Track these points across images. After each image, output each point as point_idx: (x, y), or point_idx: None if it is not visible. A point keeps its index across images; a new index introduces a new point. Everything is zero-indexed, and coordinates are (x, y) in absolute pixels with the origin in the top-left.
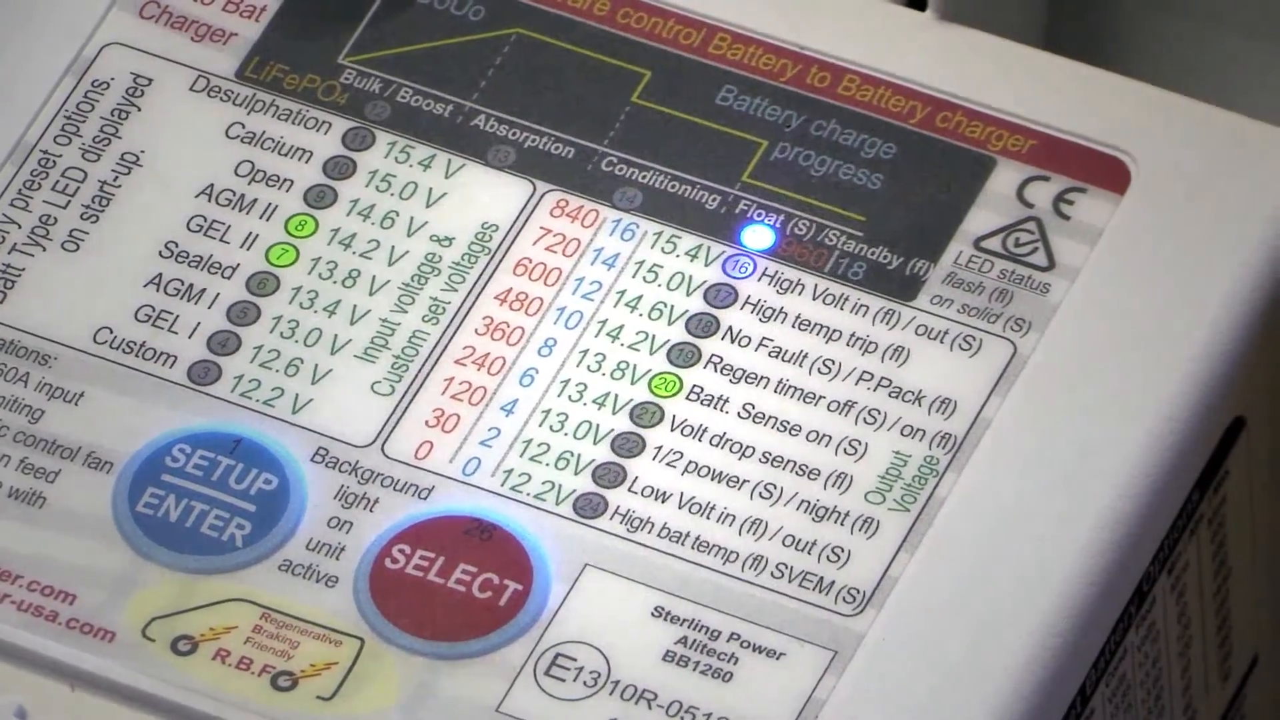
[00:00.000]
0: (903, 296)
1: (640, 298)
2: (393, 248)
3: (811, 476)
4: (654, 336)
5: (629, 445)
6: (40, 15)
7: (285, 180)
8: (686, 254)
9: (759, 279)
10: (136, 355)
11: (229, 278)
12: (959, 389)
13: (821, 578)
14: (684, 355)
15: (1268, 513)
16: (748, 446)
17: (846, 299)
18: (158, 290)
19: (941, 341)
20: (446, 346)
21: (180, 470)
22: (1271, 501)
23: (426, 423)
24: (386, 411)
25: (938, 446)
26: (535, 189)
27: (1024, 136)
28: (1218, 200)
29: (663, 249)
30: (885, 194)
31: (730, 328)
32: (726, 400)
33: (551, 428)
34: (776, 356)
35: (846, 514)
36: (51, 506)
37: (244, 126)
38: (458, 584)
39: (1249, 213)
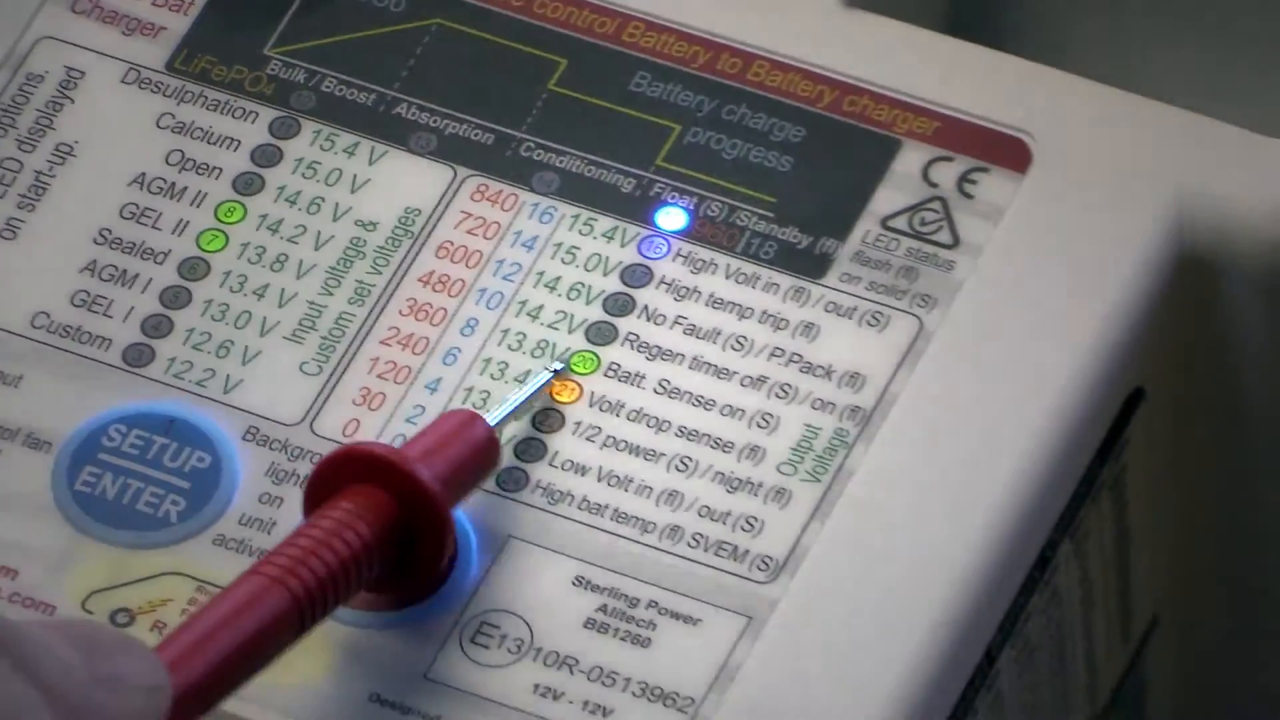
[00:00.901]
0: (812, 275)
1: (559, 278)
2: (319, 233)
3: (725, 449)
4: (572, 316)
5: (549, 421)
6: None
7: (214, 169)
8: (603, 235)
9: (673, 259)
10: (73, 339)
11: (161, 263)
12: (867, 364)
13: (736, 547)
14: (601, 334)
15: (1166, 480)
16: (664, 421)
17: (758, 278)
18: (92, 276)
19: (850, 318)
20: (372, 327)
21: (116, 449)
22: (1169, 469)
23: (354, 401)
24: (315, 390)
25: (847, 419)
26: (456, 174)
27: (928, 119)
28: (1116, 178)
29: (580, 231)
30: (794, 176)
31: (646, 307)
32: (643, 377)
33: (474, 405)
34: (691, 334)
35: (760, 485)
36: None
37: (174, 117)
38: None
39: (1147, 191)
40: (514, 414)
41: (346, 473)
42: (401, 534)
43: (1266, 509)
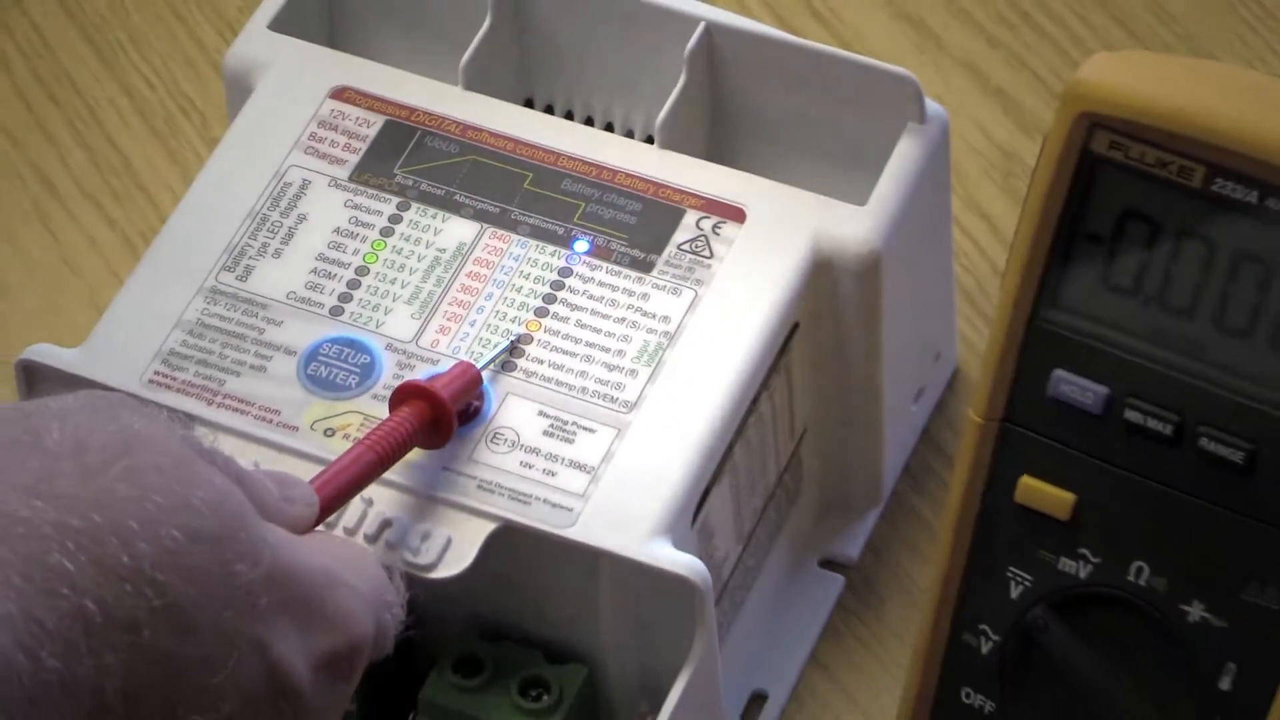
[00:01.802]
0: (645, 271)
1: (528, 275)
2: (416, 254)
3: (606, 351)
4: (534, 292)
5: (526, 339)
6: (260, 150)
7: (370, 224)
8: (548, 254)
9: (581, 265)
10: (307, 303)
11: (347, 266)
12: (671, 311)
13: (614, 396)
14: (548, 299)
15: (807, 365)
16: (578, 339)
17: (620, 273)
18: (314, 273)
19: (663, 290)
20: (442, 300)
21: (326, 354)
22: (809, 360)
23: (434, 333)
24: (418, 327)
25: (663, 337)
26: (482, 228)
27: (697, 198)
28: (785, 226)
29: (537, 253)
30: (637, 225)
31: (569, 287)
32: (567, 320)
33: (492, 328)
34: (590, 298)
35: (623, 368)
36: (268, 376)
37: (353, 201)
38: (453, 400)
39: (802, 228)
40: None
41: (406, 392)
42: (433, 419)
43: (854, 380)
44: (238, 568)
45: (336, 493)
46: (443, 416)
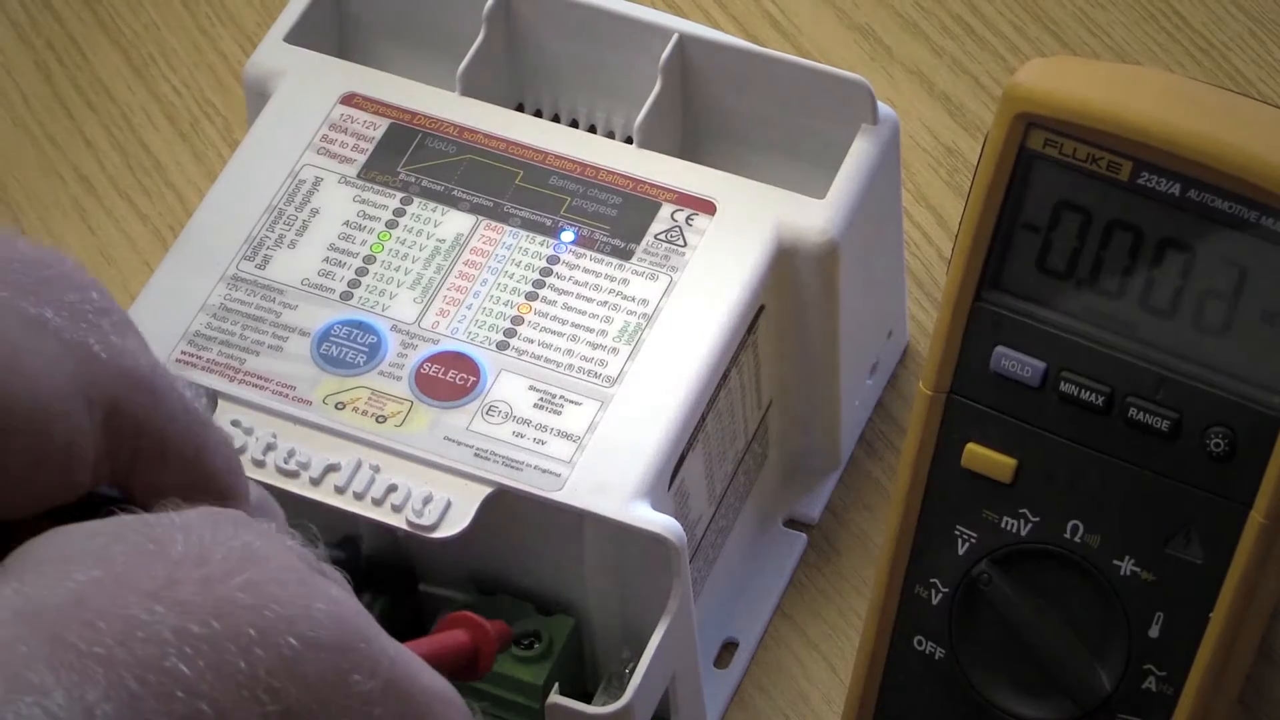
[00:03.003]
0: (625, 259)
1: (519, 263)
2: (418, 244)
3: (590, 331)
4: (525, 278)
5: (517, 320)
6: (276, 151)
7: (377, 218)
8: (537, 244)
9: (567, 254)
10: (318, 288)
11: (356, 255)
12: (649, 295)
13: (597, 371)
14: (537, 284)
15: (772, 344)
16: (564, 320)
17: (602, 260)
18: (326, 262)
19: (642, 275)
20: (443, 285)
21: (337, 335)
22: (774, 340)
23: (435, 314)
24: (420, 310)
25: (641, 318)
26: (478, 220)
27: (673, 193)
28: (751, 217)
29: (526, 243)
30: (617, 217)
31: (556, 273)
32: (554, 303)
33: (487, 310)
34: (575, 283)
35: (606, 346)
36: (284, 355)
37: (361, 197)
38: (449, 378)
39: (765, 221)
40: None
41: (454, 619)
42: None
43: (814, 357)
44: (354, 677)
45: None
46: (480, 657)
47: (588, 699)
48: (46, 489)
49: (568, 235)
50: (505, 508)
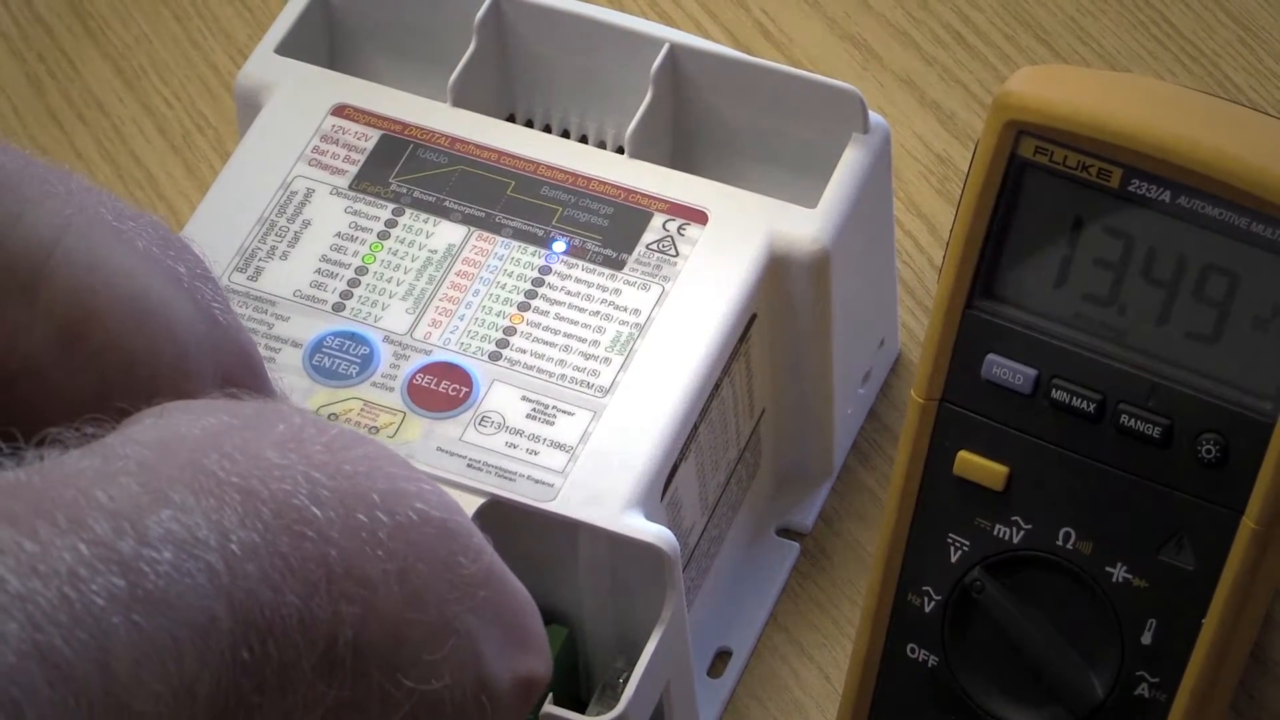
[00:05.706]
0: (617, 269)
1: (511, 273)
2: (410, 255)
3: (582, 341)
4: (517, 288)
5: (510, 330)
6: (268, 162)
7: (369, 229)
8: (529, 254)
9: (559, 264)
10: (310, 300)
11: (348, 266)
12: (641, 305)
13: (590, 382)
14: (529, 294)
15: (764, 351)
16: (556, 330)
17: (594, 270)
18: (318, 273)
19: (634, 285)
20: (435, 296)
21: (329, 346)
22: (765, 347)
23: (427, 325)
24: (412, 321)
25: (634, 328)
26: (469, 230)
27: (664, 203)
28: (743, 227)
29: (519, 253)
30: (609, 228)
31: (548, 283)
32: (547, 313)
33: (479, 321)
34: (567, 294)
35: (598, 356)
36: (276, 366)
37: (352, 208)
38: (442, 388)
39: (757, 231)
40: None
41: None
42: None
43: (807, 365)
44: (461, 559)
45: None
46: None
47: (582, 709)
48: None
49: (559, 245)
50: (498, 518)
